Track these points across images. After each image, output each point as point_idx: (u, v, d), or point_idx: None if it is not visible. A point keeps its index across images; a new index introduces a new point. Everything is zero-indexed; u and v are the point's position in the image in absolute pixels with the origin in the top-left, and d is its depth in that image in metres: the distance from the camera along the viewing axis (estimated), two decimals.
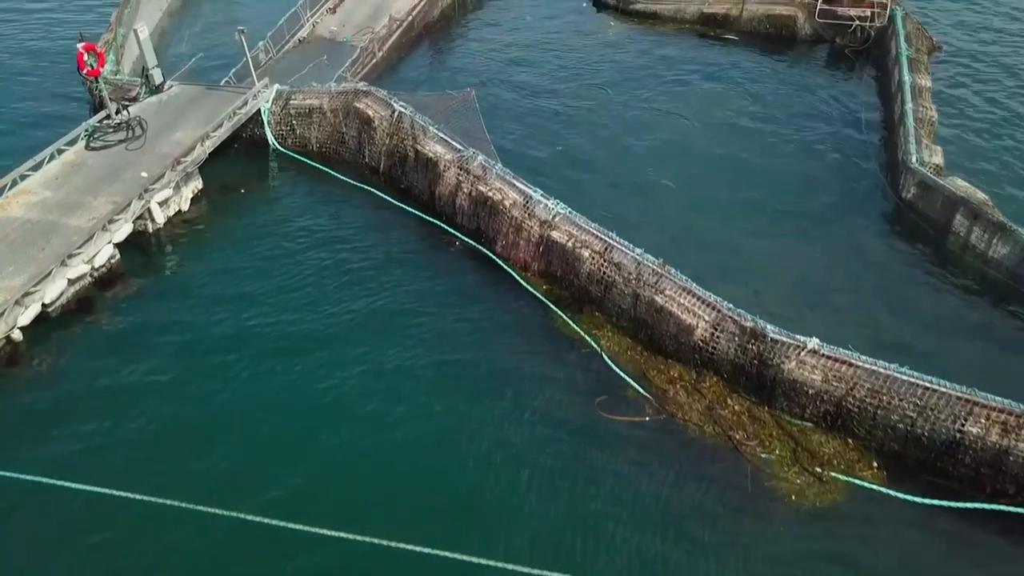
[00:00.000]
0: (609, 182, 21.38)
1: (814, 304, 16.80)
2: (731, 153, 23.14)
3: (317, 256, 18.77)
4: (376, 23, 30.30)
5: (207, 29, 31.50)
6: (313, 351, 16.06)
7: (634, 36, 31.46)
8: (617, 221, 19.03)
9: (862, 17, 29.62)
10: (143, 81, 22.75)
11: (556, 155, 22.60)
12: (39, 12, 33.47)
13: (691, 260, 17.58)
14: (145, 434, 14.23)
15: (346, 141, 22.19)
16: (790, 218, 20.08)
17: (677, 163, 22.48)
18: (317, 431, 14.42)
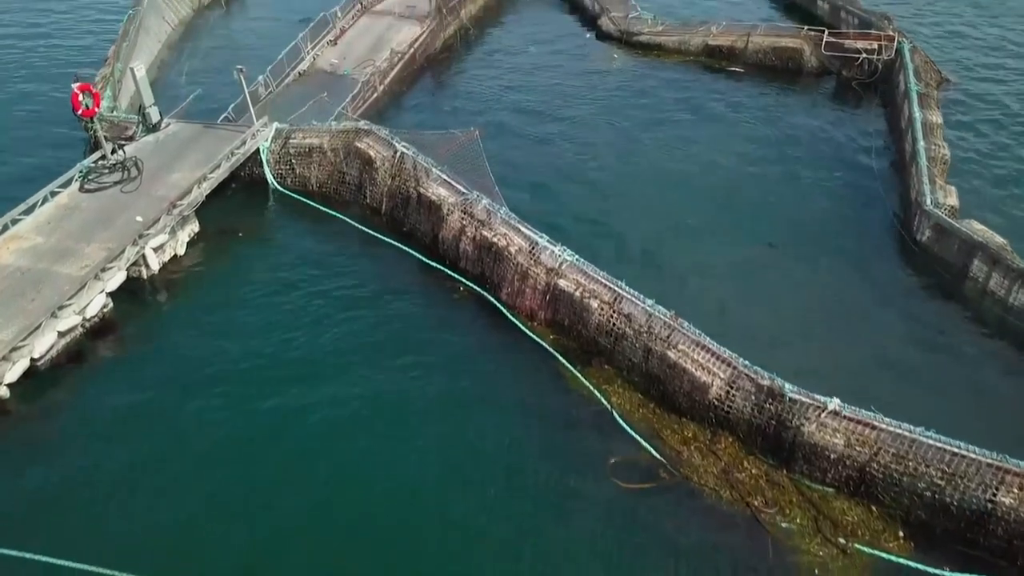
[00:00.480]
0: (614, 222, 20.81)
1: (829, 356, 16.21)
2: (739, 191, 22.66)
3: (316, 303, 18.18)
4: (377, 55, 29.99)
5: (207, 60, 31.22)
6: (310, 403, 15.45)
7: (638, 68, 31.15)
8: (625, 265, 18.72)
9: (869, 50, 29.33)
10: (140, 119, 22.31)
11: (560, 195, 22.13)
12: (38, 39, 33.18)
13: (701, 309, 17.07)
14: (140, 500, 13.58)
15: (347, 181, 21.71)
16: (802, 262, 19.54)
17: (684, 203, 21.97)
18: (311, 486, 13.80)
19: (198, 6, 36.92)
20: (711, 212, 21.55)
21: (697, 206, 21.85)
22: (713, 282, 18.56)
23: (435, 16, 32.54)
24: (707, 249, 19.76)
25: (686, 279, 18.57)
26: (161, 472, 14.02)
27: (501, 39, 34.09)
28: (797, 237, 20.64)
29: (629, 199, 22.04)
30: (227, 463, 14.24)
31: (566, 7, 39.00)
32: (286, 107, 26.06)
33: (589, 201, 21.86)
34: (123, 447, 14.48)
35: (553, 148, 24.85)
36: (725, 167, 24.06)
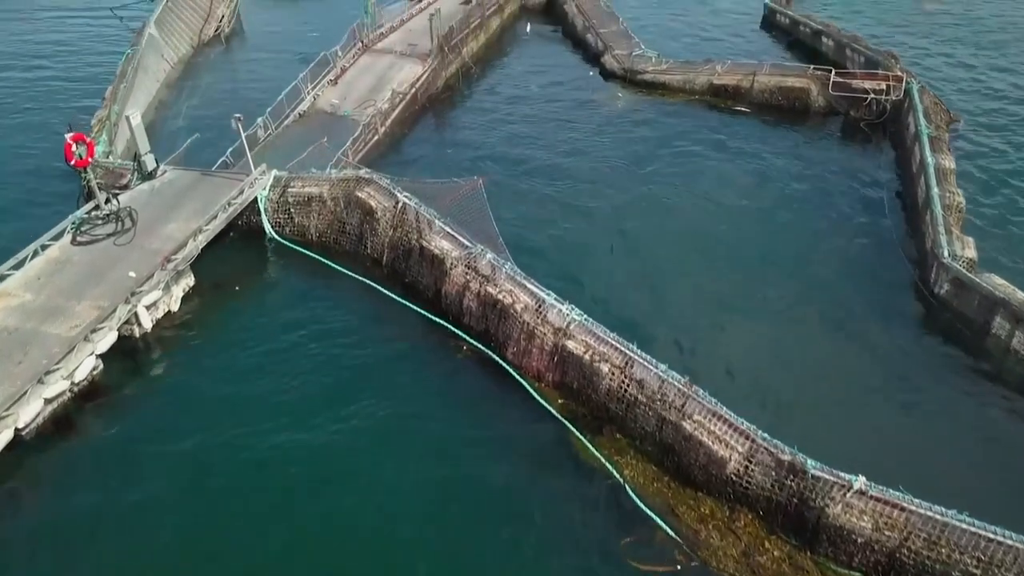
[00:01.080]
0: (622, 276, 20.24)
1: (850, 424, 15.53)
2: (747, 239, 22.09)
3: (313, 362, 17.53)
4: (378, 95, 29.59)
5: (206, 99, 30.85)
6: (306, 466, 14.82)
7: (642, 107, 30.75)
8: (633, 321, 18.11)
9: (877, 90, 28.92)
10: (135, 167, 21.78)
11: (565, 244, 21.52)
12: (36, 81, 32.80)
13: (713, 370, 16.56)
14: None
15: (347, 231, 21.13)
16: (817, 317, 18.91)
17: (692, 252, 21.40)
18: (305, 554, 13.08)
19: (198, 43, 36.67)
20: (720, 262, 20.94)
21: (706, 256, 21.25)
22: (724, 338, 17.95)
23: (437, 55, 32.19)
24: (716, 303, 19.14)
25: (696, 337, 17.94)
26: (142, 536, 13.28)
27: (503, 77, 33.74)
28: (810, 288, 20.04)
29: (636, 250, 21.46)
30: (220, 533, 13.51)
31: (569, 43, 38.83)
32: (286, 149, 25.58)
33: (595, 253, 21.26)
34: (106, 512, 13.76)
35: (557, 193, 24.29)
36: (733, 212, 23.53)
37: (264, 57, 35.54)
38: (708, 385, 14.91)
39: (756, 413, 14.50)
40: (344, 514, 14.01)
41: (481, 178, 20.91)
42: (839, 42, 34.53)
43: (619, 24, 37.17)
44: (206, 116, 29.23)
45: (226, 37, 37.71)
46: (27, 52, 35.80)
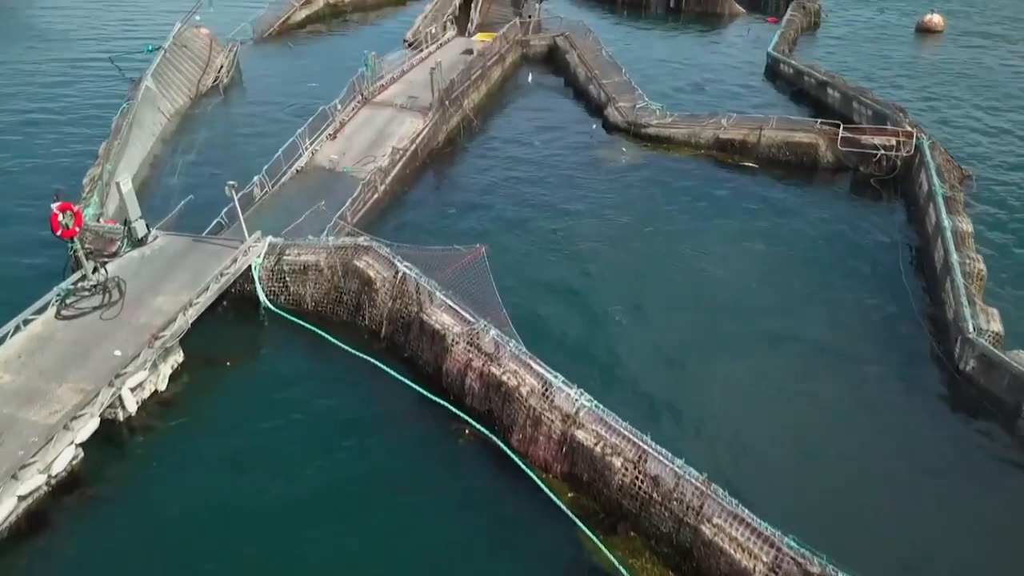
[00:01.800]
0: (632, 348, 19.34)
1: (879, 523, 14.51)
2: (757, 306, 21.24)
3: (306, 444, 16.58)
4: (378, 151, 29.02)
5: (202, 155, 30.25)
6: (294, 553, 13.81)
7: (647, 162, 30.17)
8: (645, 402, 17.26)
9: (887, 146, 28.34)
10: (125, 234, 21.00)
11: (572, 314, 20.66)
12: (29, 136, 32.21)
13: (731, 457, 15.66)
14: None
15: (344, 301, 20.31)
16: (835, 395, 17.99)
17: (701, 320, 20.55)
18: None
19: (196, 94, 36.24)
20: (731, 331, 20.09)
21: (716, 324, 20.39)
22: (739, 420, 16.96)
23: (438, 108, 31.69)
24: (731, 380, 18.21)
25: (711, 419, 17.01)
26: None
27: (505, 131, 33.23)
28: (826, 360, 19.16)
29: (644, 317, 20.63)
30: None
31: (571, 93, 38.50)
32: (283, 209, 24.93)
33: (603, 322, 20.38)
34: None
35: (561, 256, 23.53)
36: (744, 275, 22.73)
37: (262, 109, 35.06)
38: (726, 475, 14.02)
39: (779, 509, 13.53)
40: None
41: (483, 246, 20.10)
42: (845, 94, 34.09)
43: (622, 75, 36.82)
44: (202, 173, 28.64)
45: (224, 88, 37.27)
46: (20, 106, 35.13)
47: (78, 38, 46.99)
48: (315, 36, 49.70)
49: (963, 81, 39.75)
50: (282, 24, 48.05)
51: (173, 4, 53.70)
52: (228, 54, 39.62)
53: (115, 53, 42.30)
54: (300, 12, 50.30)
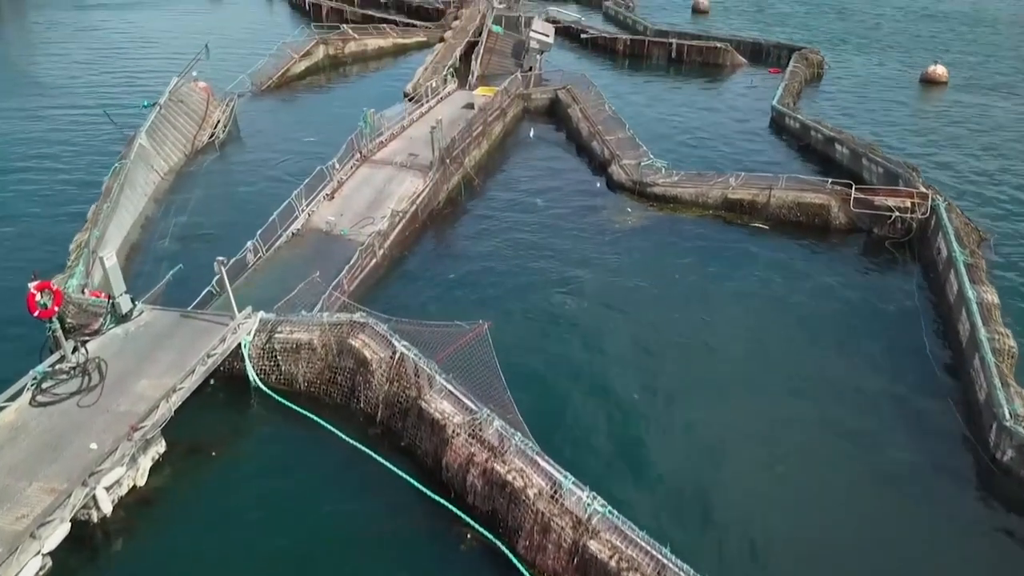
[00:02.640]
0: (647, 436, 18.19)
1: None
2: (775, 383, 20.15)
3: (295, 541, 15.30)
4: (376, 212, 28.15)
5: (195, 216, 29.28)
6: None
7: (654, 224, 29.27)
8: (661, 504, 16.04)
9: (901, 208, 27.47)
10: (108, 309, 19.93)
11: (581, 396, 19.50)
12: (16, 196, 31.33)
13: (759, 565, 14.32)
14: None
15: (338, 382, 19.16)
16: (858, 484, 16.81)
17: (716, 398, 19.44)
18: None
19: (191, 150, 35.51)
20: (749, 412, 18.94)
21: (732, 403, 19.29)
22: (761, 519, 15.73)
23: (438, 167, 30.91)
24: (751, 472, 17.03)
25: (735, 521, 15.76)
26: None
27: (507, 190, 32.41)
28: (851, 446, 18.01)
29: (657, 400, 19.49)
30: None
31: (573, 148, 37.85)
32: (277, 275, 24.02)
33: (617, 403, 19.23)
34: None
35: (567, 327, 22.45)
36: (759, 345, 21.73)
37: (258, 166, 34.31)
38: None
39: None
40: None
41: (486, 323, 19.03)
42: (854, 151, 33.42)
43: (625, 131, 36.17)
44: (194, 235, 27.72)
45: (220, 144, 36.56)
46: (8, 164, 34.24)
47: (76, 90, 46.49)
48: (314, 87, 49.36)
49: (971, 134, 39.22)
50: (281, 76, 47.63)
51: (173, 56, 53.90)
52: (225, 108, 39.04)
53: (112, 106, 41.74)
54: (300, 64, 50.00)
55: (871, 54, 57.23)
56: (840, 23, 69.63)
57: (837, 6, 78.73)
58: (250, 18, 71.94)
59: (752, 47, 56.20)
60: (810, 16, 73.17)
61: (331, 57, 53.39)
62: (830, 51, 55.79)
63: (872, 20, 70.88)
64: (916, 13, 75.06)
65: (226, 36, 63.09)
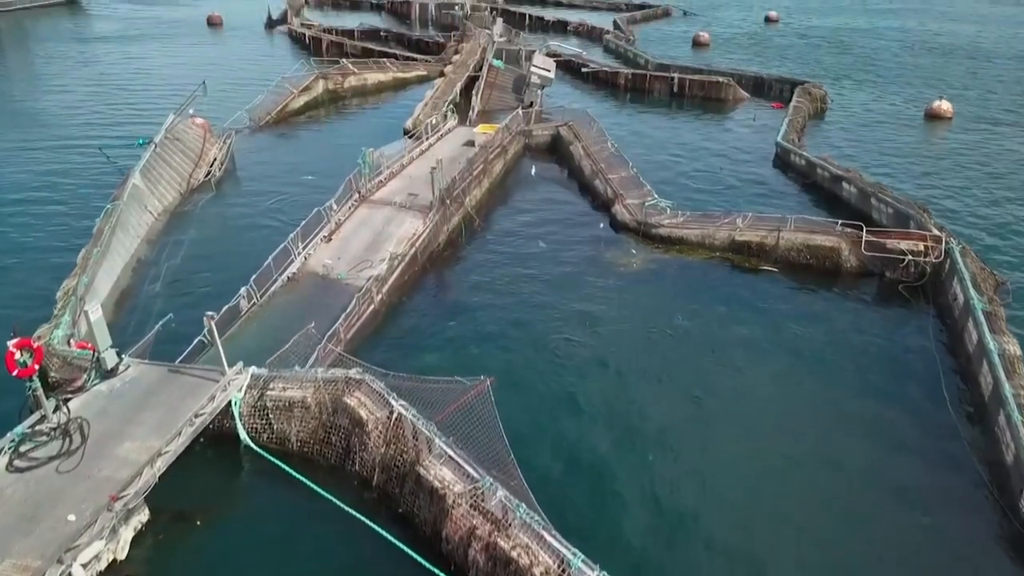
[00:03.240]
0: (660, 502, 17.24)
1: None
2: (789, 441, 19.25)
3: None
4: (375, 255, 27.42)
5: (188, 259, 28.50)
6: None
7: (660, 267, 28.48)
8: None
9: (914, 251, 26.71)
10: (92, 365, 19.06)
11: (589, 457, 18.57)
12: (10, 246, 30.57)
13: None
14: None
15: (332, 442, 18.23)
16: (883, 552, 15.83)
17: (731, 459, 18.51)
18: None
19: (186, 190, 34.85)
20: (767, 471, 18.06)
21: (751, 464, 18.37)
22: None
23: (438, 208, 30.22)
24: (772, 543, 16.05)
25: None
26: None
27: (508, 230, 31.67)
28: (870, 507, 17.06)
29: (671, 461, 18.55)
30: None
31: (575, 186, 37.24)
32: (271, 323, 23.30)
33: (623, 475, 18.20)
34: None
35: (575, 380, 21.54)
36: (770, 397, 20.94)
37: (255, 206, 33.55)
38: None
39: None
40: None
41: (489, 379, 18.15)
42: (862, 190, 32.76)
43: (629, 169, 35.57)
44: (187, 279, 26.95)
45: (217, 182, 35.88)
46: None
47: (73, 124, 46.01)
48: (313, 122, 48.90)
49: (979, 172, 38.66)
50: (280, 111, 47.17)
51: (172, 89, 53.62)
52: (222, 145, 38.47)
53: (110, 139, 41.27)
54: (299, 99, 49.60)
55: (873, 88, 56.97)
56: (840, 56, 69.60)
57: (835, 39, 78.88)
58: (250, 51, 71.89)
59: (754, 81, 55.92)
60: (809, 49, 73.19)
61: (330, 92, 53.04)
62: (832, 85, 55.52)
63: (871, 54, 70.88)
64: (915, 46, 75.15)
65: (226, 68, 63.03)
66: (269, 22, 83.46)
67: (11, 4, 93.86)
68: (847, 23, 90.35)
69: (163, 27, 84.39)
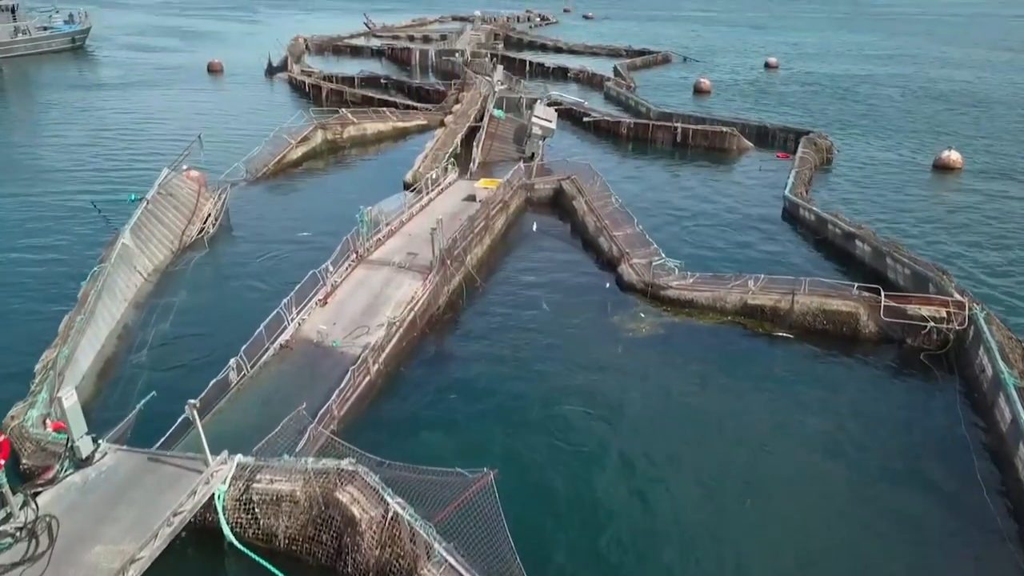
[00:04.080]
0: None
1: None
2: (811, 528, 17.98)
3: None
4: (371, 320, 26.26)
5: (177, 325, 27.25)
6: None
7: (670, 332, 27.26)
8: None
9: (936, 318, 25.53)
10: (66, 454, 17.72)
11: (602, 561, 17.13)
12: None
13: None
14: None
15: (323, 540, 16.79)
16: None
17: (753, 546, 17.11)
18: None
19: (179, 247, 33.77)
20: (786, 552, 16.62)
21: (770, 543, 16.96)
22: None
23: (438, 269, 29.11)
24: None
25: None
26: None
27: (511, 292, 30.49)
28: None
29: (690, 555, 17.10)
30: None
31: (578, 242, 36.25)
32: (260, 398, 22.13)
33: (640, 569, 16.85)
34: None
35: (584, 464, 20.13)
36: (792, 482, 19.55)
37: (248, 267, 32.35)
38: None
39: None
40: None
41: (492, 471, 16.79)
42: (877, 249, 31.70)
43: (634, 225, 34.55)
44: (176, 346, 25.71)
45: (210, 239, 34.85)
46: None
47: (68, 175, 45.11)
48: (312, 173, 48.08)
49: (994, 226, 37.69)
50: (277, 163, 46.38)
51: (170, 136, 53.16)
52: (217, 200, 37.51)
53: (102, 195, 40.33)
54: (296, 150, 48.86)
55: (879, 138, 56.39)
56: (841, 103, 69.33)
57: (835, 86, 78.84)
58: (250, 99, 71.59)
59: (758, 130, 55.35)
60: (810, 96, 73.00)
61: (329, 142, 52.34)
62: (836, 134, 54.97)
63: (874, 101, 70.62)
64: (916, 93, 75.03)
65: (225, 116, 62.59)
66: (269, 69, 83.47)
67: (14, 49, 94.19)
68: (846, 69, 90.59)
69: (164, 73, 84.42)
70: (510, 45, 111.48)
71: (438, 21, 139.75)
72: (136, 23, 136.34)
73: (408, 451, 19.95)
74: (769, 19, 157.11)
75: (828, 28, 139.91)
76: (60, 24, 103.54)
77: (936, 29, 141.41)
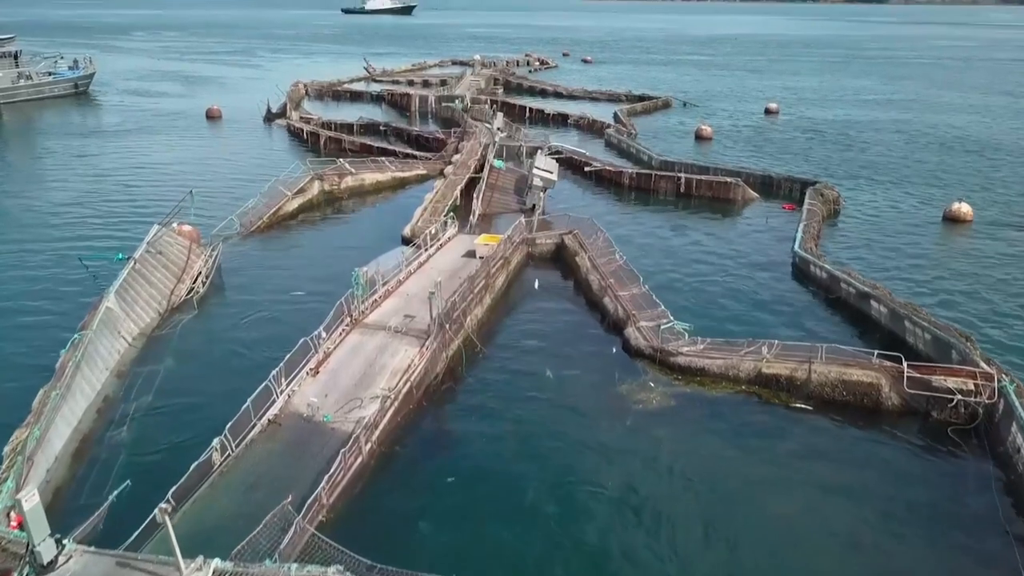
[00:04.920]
0: None
1: None
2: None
3: None
4: (365, 391, 24.91)
5: (160, 397, 25.78)
6: None
7: (681, 404, 25.82)
8: None
9: (964, 391, 24.11)
10: (27, 559, 16.14)
11: None
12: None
13: None
14: None
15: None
16: None
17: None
18: None
19: (166, 309, 32.41)
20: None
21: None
22: None
23: (436, 335, 27.73)
24: None
25: None
26: None
27: (513, 358, 29.02)
28: None
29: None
30: None
31: (582, 301, 34.89)
32: (245, 481, 20.85)
33: None
34: None
35: (594, 561, 18.57)
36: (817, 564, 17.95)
37: (238, 330, 30.97)
38: None
39: None
40: None
41: None
42: (895, 311, 30.36)
43: (640, 285, 33.27)
44: (157, 421, 24.31)
45: (200, 300, 33.53)
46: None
47: (58, 228, 43.97)
48: (308, 226, 46.93)
49: (1009, 283, 36.41)
50: (272, 215, 45.25)
51: (164, 184, 52.27)
52: (209, 256, 36.28)
53: (92, 247, 39.18)
54: (292, 202, 47.76)
55: (884, 187, 55.40)
56: (845, 152, 68.58)
57: (837, 132, 78.32)
58: (247, 147, 70.84)
59: (762, 180, 54.44)
60: (812, 144, 72.33)
61: (326, 193, 51.28)
62: (840, 183, 54.06)
63: (877, 149, 69.89)
64: (919, 141, 74.44)
65: (221, 165, 61.86)
66: (268, 115, 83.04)
67: (17, 95, 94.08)
68: (847, 115, 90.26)
69: (163, 120, 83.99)
70: (510, 89, 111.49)
71: (438, 65, 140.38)
72: (139, 67, 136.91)
73: (401, 545, 18.52)
74: (765, 63, 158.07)
75: (825, 72, 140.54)
76: (64, 70, 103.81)
77: (932, 73, 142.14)
